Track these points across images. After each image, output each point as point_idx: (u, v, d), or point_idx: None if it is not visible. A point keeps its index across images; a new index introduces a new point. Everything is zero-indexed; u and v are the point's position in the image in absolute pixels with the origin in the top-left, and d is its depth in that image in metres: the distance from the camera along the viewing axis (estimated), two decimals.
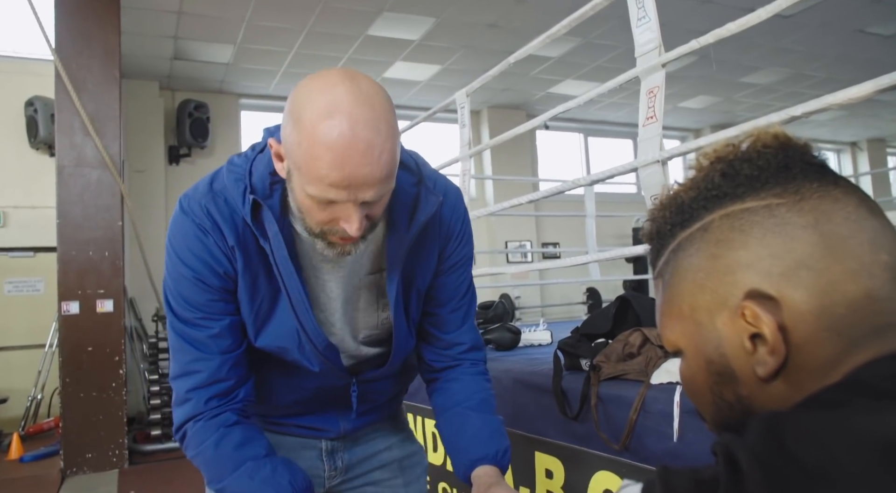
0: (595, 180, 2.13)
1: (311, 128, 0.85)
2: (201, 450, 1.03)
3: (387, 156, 0.87)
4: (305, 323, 1.04)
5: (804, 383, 0.48)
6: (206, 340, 1.04)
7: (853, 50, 7.46)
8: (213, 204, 1.01)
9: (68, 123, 4.67)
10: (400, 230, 1.05)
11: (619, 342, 1.61)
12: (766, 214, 0.50)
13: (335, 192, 0.87)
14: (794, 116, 1.43)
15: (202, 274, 1.02)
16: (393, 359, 1.15)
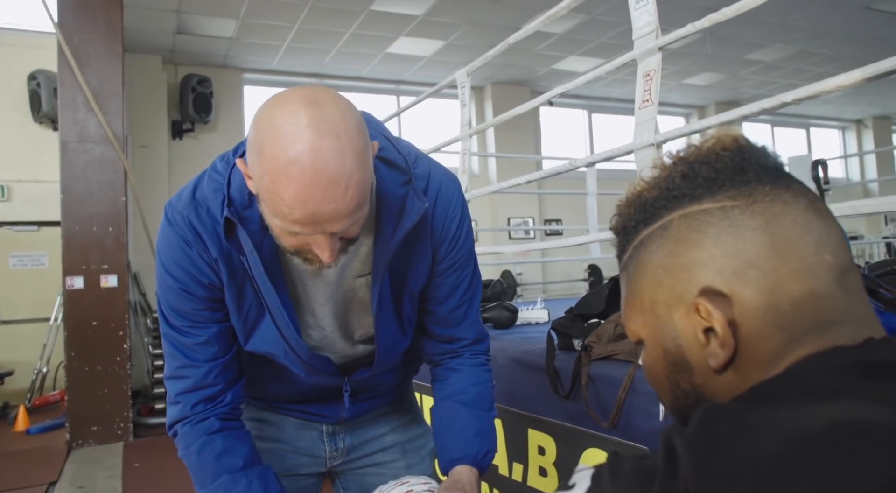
0: (594, 161, 2.15)
1: (272, 162, 0.80)
2: (187, 454, 1.08)
3: (353, 190, 0.82)
4: (287, 336, 1.05)
5: (751, 374, 0.52)
6: (194, 347, 1.06)
7: (860, 27, 7.39)
8: (196, 215, 1.00)
9: (71, 98, 4.68)
10: (386, 235, 1.02)
11: (611, 323, 1.64)
12: (721, 216, 0.53)
13: (300, 227, 0.83)
14: (786, 103, 1.44)
15: (187, 285, 1.02)
16: (378, 361, 1.14)
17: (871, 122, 11.80)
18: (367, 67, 8.09)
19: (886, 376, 0.45)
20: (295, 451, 1.26)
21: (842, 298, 0.51)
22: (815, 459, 0.39)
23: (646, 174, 0.60)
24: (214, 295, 1.03)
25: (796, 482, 0.39)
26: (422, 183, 1.06)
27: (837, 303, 0.51)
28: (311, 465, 1.28)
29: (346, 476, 1.32)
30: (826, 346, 0.49)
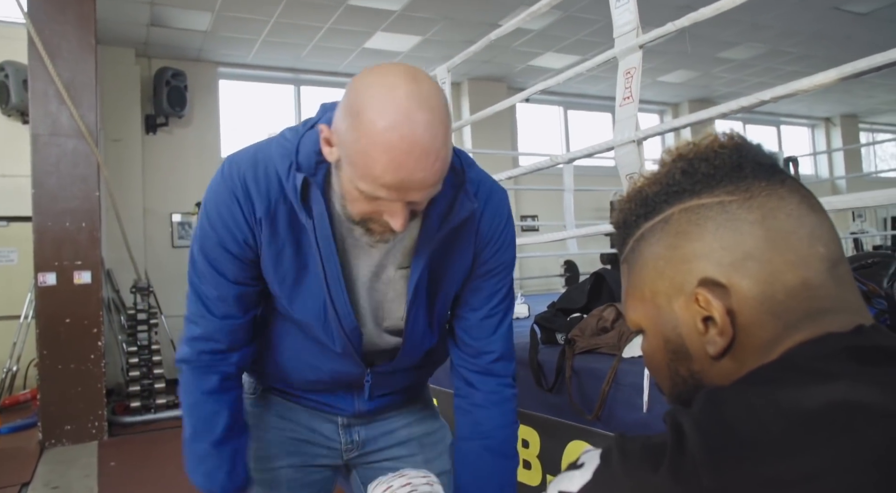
0: (573, 158, 2.17)
1: (370, 128, 0.85)
2: (183, 400, 1.16)
3: (441, 162, 0.88)
4: (337, 301, 1.07)
5: (747, 360, 0.54)
6: (212, 299, 1.09)
7: (829, 27, 7.54)
8: (252, 174, 1.03)
9: (42, 90, 4.58)
10: (431, 230, 1.05)
11: (594, 317, 1.67)
12: (720, 210, 0.56)
13: (385, 192, 0.88)
14: (764, 101, 1.48)
15: (222, 237, 1.06)
16: (403, 353, 1.16)
17: (839, 120, 12.05)
18: (344, 62, 8.05)
19: (876, 361, 0.48)
20: (311, 441, 1.27)
21: (833, 287, 0.54)
22: (815, 436, 0.42)
23: (646, 171, 0.62)
24: (245, 255, 1.07)
25: (798, 457, 0.42)
26: (472, 187, 1.08)
27: (829, 292, 0.54)
28: (328, 456, 1.28)
29: (362, 469, 1.32)
30: (819, 332, 0.52)
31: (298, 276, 1.07)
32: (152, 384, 5.20)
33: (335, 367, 1.17)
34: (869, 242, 9.49)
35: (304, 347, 1.16)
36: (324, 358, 1.15)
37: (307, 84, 8.40)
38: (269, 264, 1.06)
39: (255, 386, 1.29)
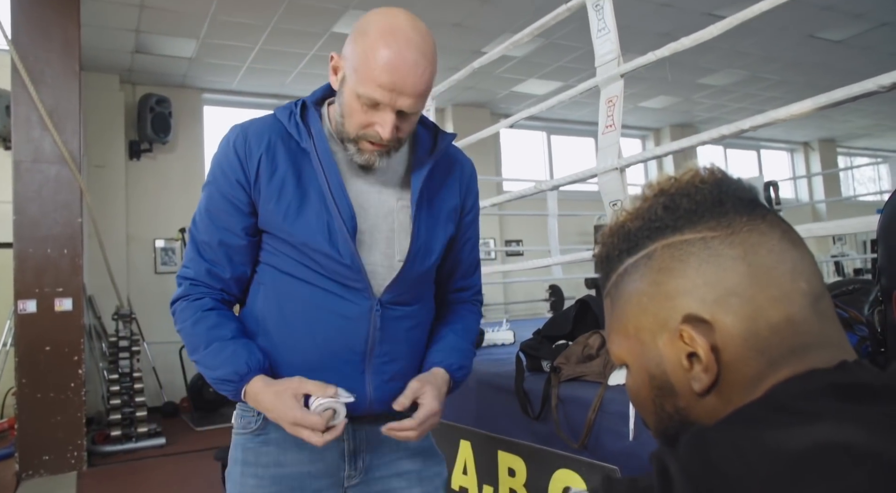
0: (558, 185, 2.19)
1: (374, 39, 1.06)
2: (183, 327, 1.21)
3: (427, 76, 1.08)
4: (340, 203, 1.16)
5: (733, 397, 0.54)
6: (203, 244, 1.21)
7: (805, 54, 7.70)
8: (251, 124, 1.20)
9: (25, 116, 4.56)
10: (421, 158, 1.23)
11: (579, 345, 1.67)
12: (702, 246, 0.56)
13: (381, 93, 1.06)
14: (743, 129, 1.50)
15: (219, 184, 1.19)
16: (407, 265, 1.21)
17: (818, 144, 12.26)
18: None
19: (860, 398, 0.48)
20: (313, 475, 1.24)
21: (816, 323, 0.54)
22: (800, 479, 0.42)
23: (627, 205, 0.62)
24: (237, 197, 1.18)
25: None
26: (451, 139, 1.29)
27: (812, 328, 0.54)
28: (330, 488, 1.26)
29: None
30: (803, 369, 0.52)
31: (301, 203, 1.16)
32: (133, 413, 5.12)
33: (341, 308, 1.19)
34: (850, 265, 9.60)
35: (311, 299, 1.19)
36: (332, 301, 1.18)
37: None
38: (272, 198, 1.16)
39: (255, 419, 1.25)
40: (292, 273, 1.20)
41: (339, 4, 5.82)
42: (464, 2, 5.96)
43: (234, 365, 1.16)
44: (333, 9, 5.90)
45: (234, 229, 1.20)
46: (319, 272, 1.18)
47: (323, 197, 1.16)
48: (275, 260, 1.21)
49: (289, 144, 1.18)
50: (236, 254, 1.21)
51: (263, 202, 1.17)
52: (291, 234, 1.17)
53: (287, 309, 1.20)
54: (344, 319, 1.19)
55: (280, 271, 1.20)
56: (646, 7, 6.16)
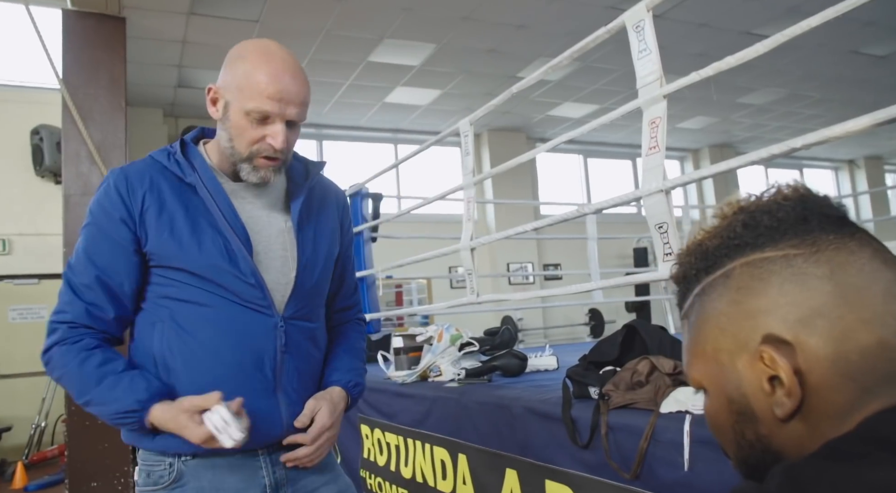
0: (601, 208, 2.16)
1: (253, 58, 1.15)
2: (67, 371, 1.17)
3: (307, 87, 1.19)
4: (234, 225, 1.19)
5: (820, 425, 0.51)
6: (82, 287, 1.18)
7: (848, 70, 7.56)
8: (131, 166, 1.23)
9: (75, 151, 4.72)
10: (298, 179, 1.32)
11: (628, 371, 1.63)
12: (784, 264, 0.53)
13: (270, 104, 1.13)
14: (795, 148, 1.46)
15: (101, 224, 1.19)
16: (299, 278, 1.26)
17: (864, 162, 11.95)
18: (366, 117, 8.21)
19: None
20: None
21: None
22: None
23: (706, 224, 0.60)
24: (121, 235, 1.18)
25: None
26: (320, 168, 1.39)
27: None
28: None
29: None
30: None
31: (194, 231, 1.18)
32: None
33: (251, 328, 1.21)
34: None
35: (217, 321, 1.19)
36: (238, 321, 1.20)
37: (329, 139, 8.56)
38: (164, 230, 1.18)
39: (168, 472, 1.21)
40: (194, 300, 1.19)
41: (375, 34, 5.92)
42: (498, 28, 6.01)
43: (134, 394, 1.14)
44: (369, 38, 6.00)
45: (115, 268, 1.19)
46: (222, 295, 1.20)
47: (214, 223, 1.19)
48: (172, 291, 1.20)
49: (171, 181, 1.21)
50: (118, 293, 1.20)
51: (155, 236, 1.18)
52: (191, 261, 1.18)
53: (193, 338, 1.19)
54: (251, 337, 1.21)
55: (180, 301, 1.20)
56: (683, 28, 6.13)
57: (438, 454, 2.23)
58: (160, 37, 5.66)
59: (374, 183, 4.29)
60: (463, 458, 2.10)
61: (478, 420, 2.07)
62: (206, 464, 1.21)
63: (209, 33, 5.66)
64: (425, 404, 2.35)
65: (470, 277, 2.73)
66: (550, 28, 6.04)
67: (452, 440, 2.16)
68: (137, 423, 1.15)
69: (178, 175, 1.21)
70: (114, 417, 1.16)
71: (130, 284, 1.20)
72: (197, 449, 1.18)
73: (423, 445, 2.31)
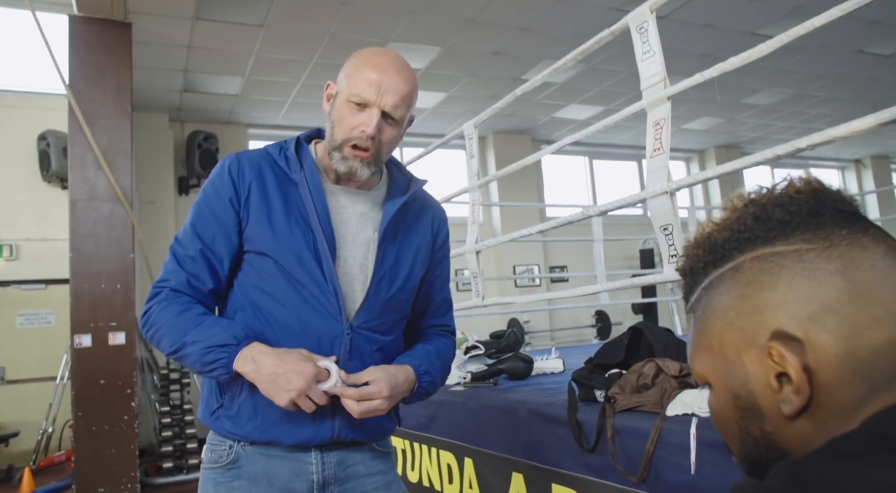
0: (606, 210, 2.16)
1: (366, 54, 1.23)
2: (166, 321, 1.21)
3: (411, 82, 1.23)
4: (325, 226, 1.23)
5: (827, 423, 0.50)
6: (186, 258, 1.24)
7: (853, 70, 7.52)
8: (245, 153, 1.29)
9: (81, 157, 4.74)
10: (396, 193, 1.34)
11: (634, 373, 1.62)
12: (796, 259, 0.52)
13: (369, 90, 1.18)
14: (800, 148, 1.46)
15: (210, 201, 1.26)
16: (372, 290, 1.27)
17: (870, 161, 11.89)
18: None
19: None
20: None
21: None
22: None
23: (715, 216, 0.59)
24: (227, 215, 1.25)
25: None
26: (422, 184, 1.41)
27: None
28: None
29: None
30: None
31: (288, 222, 1.23)
32: (185, 444, 5.18)
33: (319, 331, 1.23)
34: None
35: (288, 321, 1.23)
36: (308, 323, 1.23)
37: None
38: (262, 215, 1.23)
39: (227, 453, 1.27)
40: (272, 293, 1.24)
41: (380, 38, 5.93)
42: (502, 30, 6.01)
43: (231, 330, 1.19)
44: (374, 42, 6.01)
45: (217, 244, 1.25)
46: (298, 292, 1.23)
47: (307, 220, 1.24)
48: (258, 280, 1.25)
49: (277, 174, 1.27)
50: (217, 268, 1.25)
51: (253, 219, 1.24)
52: (279, 249, 1.23)
53: (265, 332, 1.23)
54: (317, 340, 1.23)
55: (262, 291, 1.24)
56: (687, 29, 6.11)
57: (445, 458, 2.22)
58: (166, 42, 5.67)
59: None
60: (469, 462, 2.09)
61: (484, 424, 2.06)
62: (262, 451, 1.25)
63: (214, 38, 5.67)
64: (431, 408, 2.35)
65: (476, 280, 2.73)
66: (555, 30, 6.04)
67: (459, 444, 2.15)
68: (225, 360, 1.17)
69: (284, 170, 1.27)
70: (206, 351, 1.17)
71: (229, 262, 1.26)
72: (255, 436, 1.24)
73: (429, 449, 2.31)
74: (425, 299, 1.42)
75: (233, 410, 1.26)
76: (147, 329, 1.25)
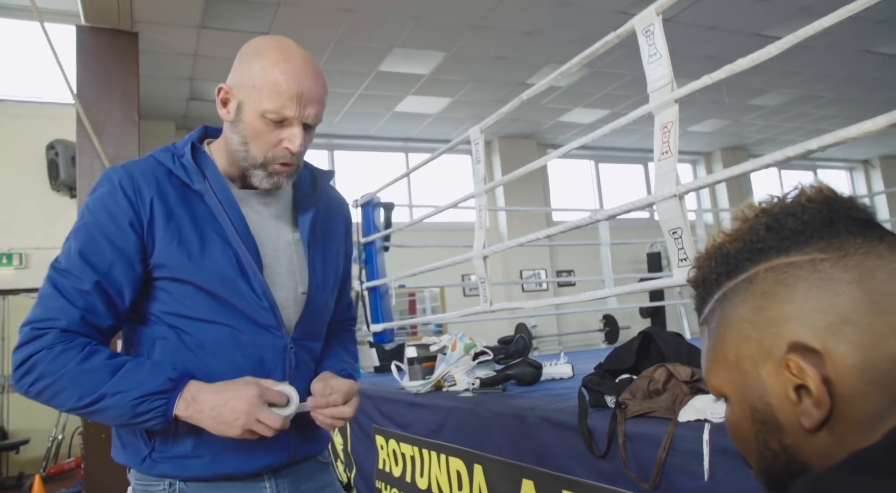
0: (614, 214, 2.14)
1: (271, 56, 1.07)
2: (63, 373, 1.01)
3: (325, 87, 1.13)
4: (245, 238, 1.13)
5: (847, 436, 0.49)
6: (77, 292, 1.05)
7: (860, 69, 7.49)
8: (134, 165, 1.13)
9: (89, 165, 4.77)
10: (305, 189, 1.26)
11: (644, 379, 1.61)
12: (811, 269, 0.51)
13: (289, 106, 1.06)
14: (810, 150, 1.44)
15: (103, 224, 1.07)
16: (311, 297, 1.21)
17: (879, 161, 11.83)
18: (376, 126, 8.23)
19: None
20: None
21: None
22: None
23: (725, 226, 0.58)
24: (129, 240, 1.08)
25: None
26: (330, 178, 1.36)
27: None
28: None
29: None
30: None
31: (202, 242, 1.10)
32: None
33: (262, 351, 1.14)
34: None
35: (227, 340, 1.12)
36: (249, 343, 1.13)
37: (340, 148, 8.59)
38: (172, 239, 1.09)
39: (166, 491, 1.13)
40: (200, 316, 1.10)
41: (385, 44, 5.94)
42: (507, 35, 6.02)
43: (163, 373, 1.04)
44: (379, 48, 6.02)
45: (116, 275, 1.07)
46: (230, 312, 1.12)
47: (223, 234, 1.11)
48: (178, 307, 1.11)
49: (177, 186, 1.12)
50: (116, 302, 1.08)
51: (162, 245, 1.08)
52: (199, 273, 1.09)
53: (199, 359, 1.10)
54: (260, 360, 1.14)
55: (186, 318, 1.10)
56: (692, 31, 6.10)
57: (454, 465, 2.21)
58: (172, 51, 5.70)
59: (385, 192, 4.29)
60: (479, 468, 2.08)
61: (493, 430, 2.05)
62: (210, 487, 1.13)
63: (220, 46, 5.70)
64: (440, 415, 2.34)
65: (483, 285, 2.72)
66: (559, 34, 6.04)
67: (468, 451, 2.14)
68: (164, 408, 1.03)
69: (184, 181, 1.12)
70: (138, 402, 1.02)
71: (130, 294, 1.09)
72: (206, 473, 1.12)
73: (438, 455, 2.30)
74: (339, 297, 1.39)
75: (168, 451, 1.12)
76: (31, 382, 1.03)
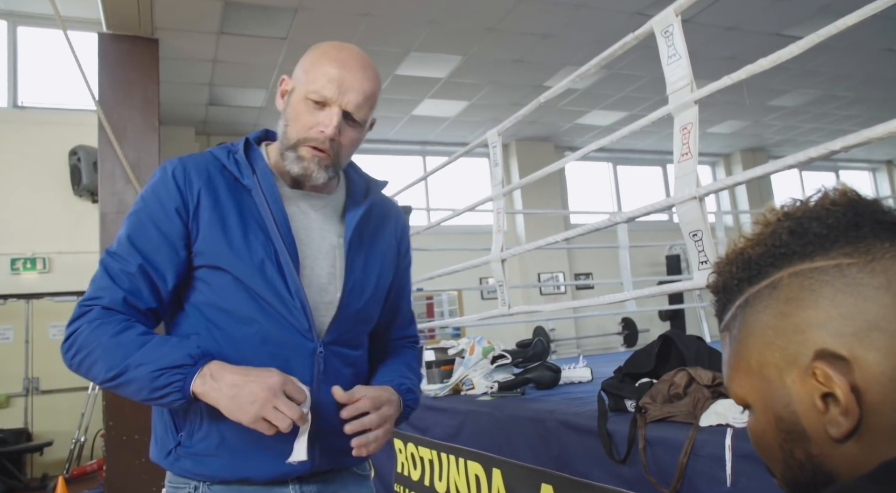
0: (633, 216, 2.13)
1: (326, 48, 1.14)
2: (98, 344, 1.04)
3: (373, 80, 1.14)
4: (285, 236, 1.13)
5: (876, 445, 0.48)
6: (123, 273, 1.08)
7: (882, 69, 7.39)
8: (189, 157, 1.18)
9: (111, 171, 4.83)
10: (357, 196, 1.26)
11: (665, 383, 1.59)
12: (837, 274, 0.50)
13: (329, 87, 1.09)
14: (834, 151, 1.42)
15: (153, 211, 1.11)
16: (344, 301, 1.17)
17: None
18: (394, 130, 8.25)
19: None
20: None
21: None
22: None
23: (747, 231, 0.57)
24: (175, 226, 1.11)
25: None
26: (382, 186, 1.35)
27: None
28: None
29: None
30: None
31: (244, 233, 1.12)
32: None
33: (288, 351, 1.12)
34: None
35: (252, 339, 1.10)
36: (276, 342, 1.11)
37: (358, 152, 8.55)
38: (216, 227, 1.11)
39: None
40: (233, 311, 1.11)
41: (402, 47, 5.95)
42: (523, 38, 6.01)
43: (185, 348, 1.04)
44: (396, 52, 6.04)
45: (160, 259, 1.09)
46: (262, 308, 1.11)
47: (266, 230, 1.12)
48: (215, 297, 1.11)
49: (228, 180, 1.15)
50: (159, 286, 1.10)
51: (206, 232, 1.10)
52: (238, 263, 1.09)
53: (226, 354, 1.09)
54: (287, 362, 1.10)
55: (218, 309, 1.11)
56: (711, 32, 6.05)
57: (473, 469, 2.20)
58: (192, 57, 5.76)
59: (403, 196, 4.30)
60: (497, 473, 2.07)
61: (511, 434, 2.04)
62: (232, 490, 1.12)
63: (239, 52, 5.75)
64: (458, 418, 2.34)
65: (501, 288, 2.71)
66: (576, 36, 6.02)
67: (486, 455, 2.13)
68: (182, 383, 1.01)
69: (235, 176, 1.15)
70: (157, 374, 1.01)
71: (172, 279, 1.10)
72: (225, 474, 1.11)
73: (456, 459, 2.29)
74: (392, 310, 1.34)
75: (193, 447, 1.12)
76: (72, 355, 1.06)
